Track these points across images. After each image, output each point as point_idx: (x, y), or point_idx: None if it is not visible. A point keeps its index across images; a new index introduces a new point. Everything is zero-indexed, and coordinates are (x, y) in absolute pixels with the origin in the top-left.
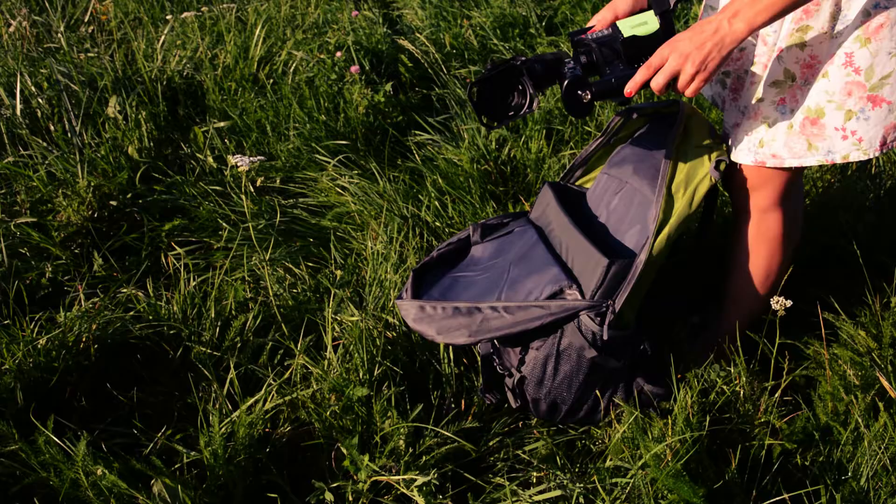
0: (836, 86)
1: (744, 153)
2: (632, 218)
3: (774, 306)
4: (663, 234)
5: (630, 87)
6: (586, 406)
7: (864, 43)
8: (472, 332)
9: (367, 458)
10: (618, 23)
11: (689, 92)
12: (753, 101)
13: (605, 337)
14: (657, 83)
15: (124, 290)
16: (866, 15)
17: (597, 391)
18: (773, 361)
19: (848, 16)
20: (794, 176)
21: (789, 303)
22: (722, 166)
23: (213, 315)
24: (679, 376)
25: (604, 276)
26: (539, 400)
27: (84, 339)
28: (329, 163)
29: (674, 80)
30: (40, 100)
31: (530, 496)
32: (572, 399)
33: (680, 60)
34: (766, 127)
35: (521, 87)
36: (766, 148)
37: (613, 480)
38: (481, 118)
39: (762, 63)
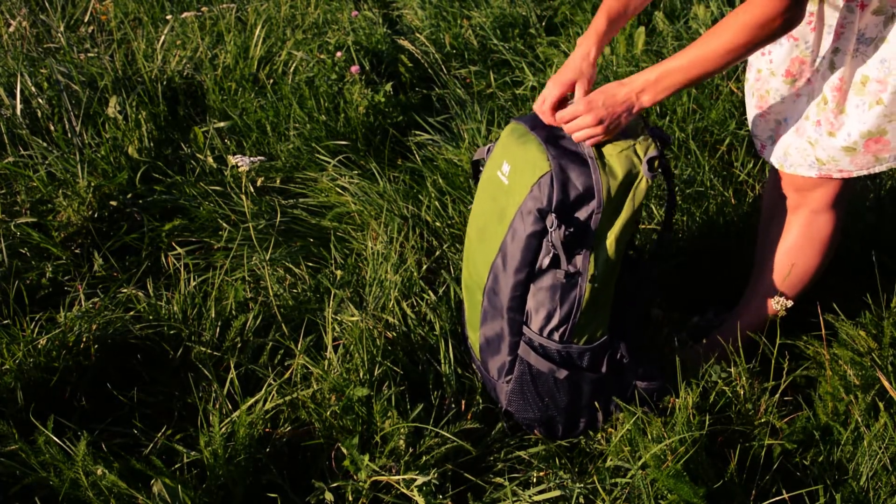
0: (892, 107)
1: (804, 168)
2: None
3: (775, 307)
4: (608, 242)
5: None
6: (583, 420)
7: None
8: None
9: (367, 458)
10: None
11: (589, 143)
12: (796, 118)
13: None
14: (569, 131)
15: (124, 290)
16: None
17: (592, 402)
18: (773, 362)
19: (866, 35)
20: (851, 180)
21: (790, 303)
22: (656, 164)
23: (213, 315)
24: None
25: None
26: (532, 424)
27: (84, 339)
28: (329, 163)
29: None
30: (40, 100)
31: (530, 496)
32: (564, 417)
33: (592, 121)
34: (811, 146)
35: None
36: (829, 165)
37: (613, 480)
38: None
39: (805, 78)
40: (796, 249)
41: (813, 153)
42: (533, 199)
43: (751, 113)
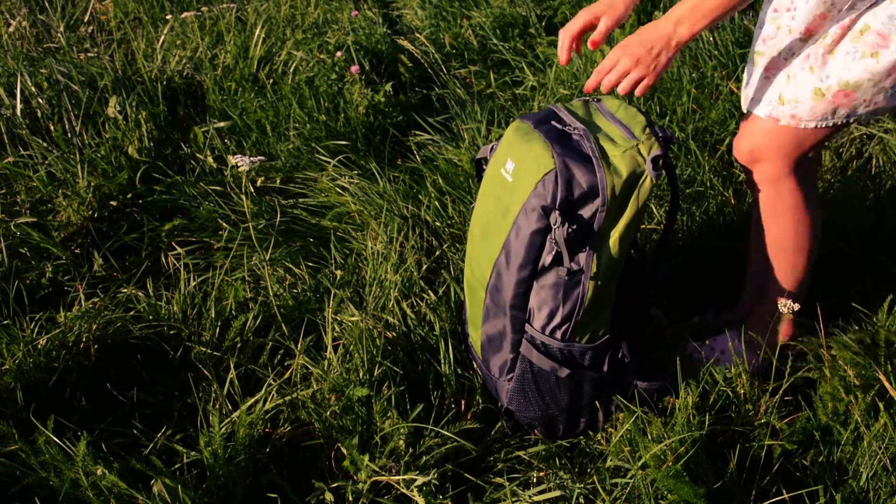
0: (882, 67)
1: (763, 105)
2: None
3: (781, 308)
4: (612, 241)
5: (588, 87)
6: (584, 420)
7: None
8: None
9: (367, 458)
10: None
11: (638, 92)
12: (785, 51)
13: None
14: (609, 81)
15: (124, 290)
16: None
17: (593, 402)
18: (773, 362)
19: None
20: (808, 144)
21: (797, 306)
22: (660, 163)
23: (213, 315)
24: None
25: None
26: (533, 423)
27: (84, 339)
28: (329, 163)
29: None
30: (40, 100)
31: (530, 496)
32: (565, 416)
33: (630, 63)
34: (786, 80)
35: None
36: (786, 106)
37: (613, 481)
38: None
39: (820, 32)
40: (771, 226)
41: (781, 88)
42: (537, 197)
43: (755, 72)
